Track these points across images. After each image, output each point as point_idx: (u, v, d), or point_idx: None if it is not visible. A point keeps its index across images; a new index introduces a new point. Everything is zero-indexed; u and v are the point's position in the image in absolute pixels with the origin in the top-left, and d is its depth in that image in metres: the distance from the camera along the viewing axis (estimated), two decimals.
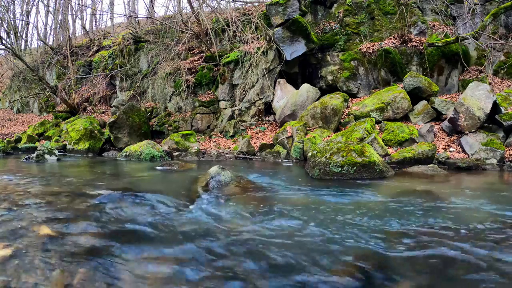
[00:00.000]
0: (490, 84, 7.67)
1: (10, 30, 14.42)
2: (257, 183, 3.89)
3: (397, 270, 1.75)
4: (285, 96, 8.43)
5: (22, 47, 18.31)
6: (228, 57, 9.21)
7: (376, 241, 2.12)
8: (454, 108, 6.27)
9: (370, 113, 7.15)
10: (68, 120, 10.39)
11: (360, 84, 8.61)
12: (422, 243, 2.09)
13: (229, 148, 7.84)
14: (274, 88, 8.81)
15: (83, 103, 12.20)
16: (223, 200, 3.11)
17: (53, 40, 18.05)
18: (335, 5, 9.63)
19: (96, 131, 8.82)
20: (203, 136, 8.88)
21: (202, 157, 7.25)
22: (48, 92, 13.47)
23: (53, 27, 18.80)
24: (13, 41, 14.88)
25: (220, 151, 7.58)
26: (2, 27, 14.80)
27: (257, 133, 8.43)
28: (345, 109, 7.78)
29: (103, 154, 8.32)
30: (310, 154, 4.88)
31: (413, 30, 8.91)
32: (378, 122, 6.95)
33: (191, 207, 2.91)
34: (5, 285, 1.52)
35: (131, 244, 2.04)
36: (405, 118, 7.16)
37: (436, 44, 7.88)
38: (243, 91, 8.87)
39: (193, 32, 10.16)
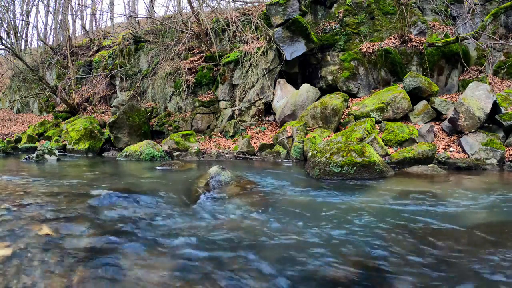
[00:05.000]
0: (490, 84, 7.66)
1: (10, 30, 14.42)
2: (257, 183, 3.89)
3: (393, 268, 1.75)
4: (285, 96, 8.43)
5: (22, 47, 18.30)
6: (228, 57, 9.21)
7: (374, 241, 2.12)
8: (454, 108, 6.27)
9: (370, 113, 7.15)
10: (68, 120, 10.40)
11: (360, 84, 8.61)
12: (420, 243, 2.09)
13: (229, 148, 7.84)
14: (274, 88, 8.81)
15: (83, 103, 12.20)
16: (223, 200, 3.11)
17: (53, 40, 18.06)
18: (335, 5, 9.63)
19: (96, 131, 8.83)
20: (203, 136, 8.88)
21: (202, 157, 7.25)
22: (48, 92, 13.47)
23: (53, 27, 18.83)
24: (13, 41, 14.86)
25: (220, 151, 7.58)
26: (2, 27, 14.81)
27: (257, 133, 8.43)
28: (345, 109, 7.78)
29: (103, 154, 8.32)
30: (310, 154, 4.88)
31: (413, 30, 8.91)
32: (378, 122, 6.95)
33: (191, 207, 2.91)
34: (5, 285, 1.52)
35: (131, 244, 2.04)
36: (405, 118, 7.16)
37: (436, 44, 7.88)
38: (243, 91, 8.87)
39: (193, 32, 10.15)
